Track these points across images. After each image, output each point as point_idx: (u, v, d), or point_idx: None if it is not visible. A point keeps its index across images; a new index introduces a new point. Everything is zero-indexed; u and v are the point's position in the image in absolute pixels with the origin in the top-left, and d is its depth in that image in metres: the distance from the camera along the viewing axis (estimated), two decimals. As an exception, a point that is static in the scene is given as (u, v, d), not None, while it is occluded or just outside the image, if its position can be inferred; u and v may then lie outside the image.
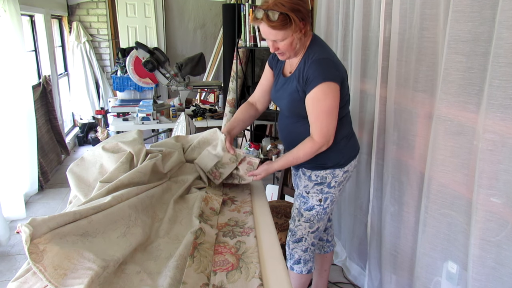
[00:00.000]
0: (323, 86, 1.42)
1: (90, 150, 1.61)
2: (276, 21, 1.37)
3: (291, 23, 1.38)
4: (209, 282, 1.03)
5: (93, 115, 5.29)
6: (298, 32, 1.42)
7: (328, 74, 1.43)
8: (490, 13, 1.22)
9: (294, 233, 1.74)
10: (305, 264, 1.77)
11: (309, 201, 1.67)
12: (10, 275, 2.39)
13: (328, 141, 1.49)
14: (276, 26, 1.38)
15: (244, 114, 1.79)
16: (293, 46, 1.45)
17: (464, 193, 1.40)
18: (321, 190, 1.64)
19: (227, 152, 1.62)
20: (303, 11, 1.39)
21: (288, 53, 1.49)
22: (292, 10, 1.37)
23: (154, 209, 1.33)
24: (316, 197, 1.65)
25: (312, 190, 1.66)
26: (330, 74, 1.43)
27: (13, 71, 3.15)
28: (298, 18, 1.38)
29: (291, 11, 1.36)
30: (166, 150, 1.63)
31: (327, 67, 1.44)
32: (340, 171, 1.62)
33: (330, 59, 1.46)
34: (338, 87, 1.45)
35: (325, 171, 1.62)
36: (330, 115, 1.46)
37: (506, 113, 1.16)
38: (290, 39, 1.42)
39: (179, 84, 3.70)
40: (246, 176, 1.61)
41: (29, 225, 0.91)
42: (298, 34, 1.42)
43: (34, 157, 3.44)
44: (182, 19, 5.57)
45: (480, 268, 1.28)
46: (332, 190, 1.64)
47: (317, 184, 1.64)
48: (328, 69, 1.44)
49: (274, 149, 3.14)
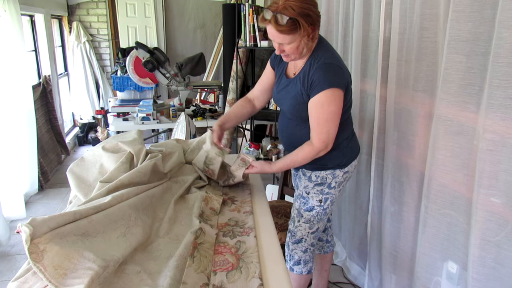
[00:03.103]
0: (327, 92, 1.40)
1: (90, 150, 1.61)
2: (284, 26, 1.34)
3: (299, 28, 1.35)
4: (209, 282, 1.03)
5: (93, 115, 5.29)
6: (306, 37, 1.39)
7: (334, 80, 1.41)
8: (490, 13, 1.22)
9: (293, 234, 1.73)
10: (305, 265, 1.77)
11: (309, 202, 1.66)
12: (10, 275, 2.39)
13: (326, 146, 1.48)
14: (284, 30, 1.35)
15: (240, 109, 1.77)
16: (299, 50, 1.43)
17: (464, 193, 1.40)
18: (321, 191, 1.64)
19: (213, 146, 1.61)
20: (313, 16, 1.36)
21: (294, 56, 1.46)
22: (301, 15, 1.33)
23: (155, 208, 1.33)
24: (316, 197, 1.65)
25: (312, 191, 1.65)
26: (336, 80, 1.41)
27: (13, 71, 3.15)
28: (307, 23, 1.35)
29: (300, 16, 1.33)
30: (166, 150, 1.63)
31: (334, 73, 1.42)
32: (340, 172, 1.62)
33: (336, 65, 1.44)
34: (342, 94, 1.44)
35: (326, 172, 1.61)
36: (331, 122, 1.45)
37: (506, 113, 1.16)
38: (297, 43, 1.40)
39: (179, 84, 3.70)
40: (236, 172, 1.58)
41: (29, 225, 0.91)
42: (305, 39, 1.39)
43: (34, 157, 3.44)
44: (182, 19, 5.57)
45: (480, 268, 1.28)
46: (332, 191, 1.64)
47: (317, 184, 1.64)
48: (334, 75, 1.42)
49: (274, 149, 3.14)
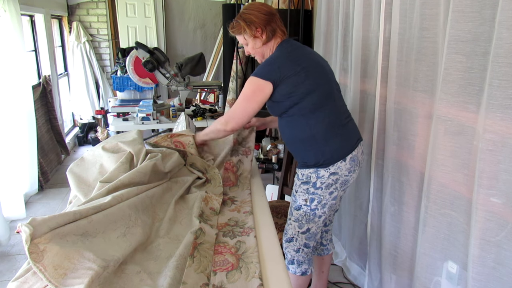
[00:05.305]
0: (249, 79, 1.59)
1: (90, 150, 1.61)
2: (233, 28, 1.65)
3: (244, 30, 1.61)
4: (209, 282, 1.03)
5: (93, 115, 5.29)
6: (253, 38, 1.62)
7: (258, 70, 1.57)
8: (490, 13, 1.22)
9: (286, 232, 1.76)
10: (299, 266, 1.76)
11: (297, 200, 1.68)
12: (10, 275, 2.39)
13: (226, 122, 1.63)
14: (233, 31, 1.65)
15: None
16: (256, 50, 1.66)
17: (464, 193, 1.40)
18: (307, 190, 1.64)
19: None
20: (256, 21, 1.59)
21: (257, 56, 1.69)
22: (243, 19, 1.60)
23: (155, 208, 1.33)
24: (302, 196, 1.66)
25: (299, 189, 1.66)
26: (260, 71, 1.57)
27: (13, 71, 3.15)
28: (250, 26, 1.59)
29: (242, 20, 1.60)
30: (167, 150, 1.63)
31: (262, 65, 1.59)
32: (325, 172, 1.60)
33: (270, 61, 1.60)
34: (264, 83, 1.55)
35: (309, 170, 1.62)
36: (240, 103, 1.60)
37: (506, 113, 1.16)
38: (252, 43, 1.64)
39: (179, 84, 3.70)
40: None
41: (29, 224, 0.91)
42: (258, 41, 1.63)
43: (34, 157, 3.44)
44: (182, 19, 5.57)
45: (480, 268, 1.28)
46: (319, 192, 1.62)
47: (304, 183, 1.65)
48: (262, 68, 1.58)
49: (274, 149, 3.14)
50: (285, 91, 1.55)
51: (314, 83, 1.57)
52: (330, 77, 1.67)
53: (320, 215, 1.66)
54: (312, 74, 1.58)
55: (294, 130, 1.63)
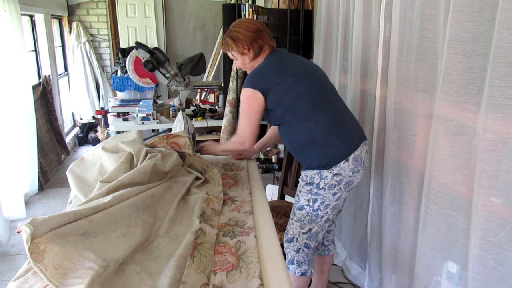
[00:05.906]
0: (242, 91, 1.65)
1: (90, 150, 1.61)
2: (223, 45, 1.73)
3: (232, 48, 1.68)
4: (209, 282, 1.03)
5: (93, 115, 5.29)
6: (241, 54, 1.68)
7: (246, 81, 1.64)
8: (490, 13, 1.22)
9: (287, 232, 1.76)
10: (299, 266, 1.76)
11: (300, 200, 1.69)
12: (10, 275, 2.39)
13: (242, 138, 1.70)
14: (223, 48, 1.74)
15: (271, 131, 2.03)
16: (245, 65, 1.72)
17: (464, 193, 1.40)
18: (310, 191, 1.65)
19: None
20: (243, 39, 1.65)
21: (248, 71, 1.74)
22: (231, 37, 1.67)
23: (156, 207, 1.33)
24: (305, 196, 1.66)
25: (303, 190, 1.67)
26: (248, 82, 1.63)
27: (13, 71, 3.15)
28: (237, 44, 1.66)
29: (230, 38, 1.68)
30: (166, 151, 1.63)
31: (249, 77, 1.65)
32: (328, 173, 1.60)
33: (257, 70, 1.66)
34: (253, 92, 1.61)
35: (313, 171, 1.63)
36: (243, 117, 1.67)
37: (506, 113, 1.16)
38: (240, 59, 1.71)
39: (179, 84, 3.70)
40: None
41: (30, 224, 0.91)
42: (246, 57, 1.69)
43: (34, 157, 3.44)
44: (182, 19, 5.57)
45: (480, 268, 1.28)
46: (322, 192, 1.62)
47: (307, 184, 1.66)
48: (249, 78, 1.64)
49: (274, 149, 3.14)
50: (275, 99, 1.60)
51: (304, 85, 1.61)
52: (322, 80, 1.69)
53: (322, 215, 1.67)
54: (302, 78, 1.61)
55: (294, 136, 1.65)
